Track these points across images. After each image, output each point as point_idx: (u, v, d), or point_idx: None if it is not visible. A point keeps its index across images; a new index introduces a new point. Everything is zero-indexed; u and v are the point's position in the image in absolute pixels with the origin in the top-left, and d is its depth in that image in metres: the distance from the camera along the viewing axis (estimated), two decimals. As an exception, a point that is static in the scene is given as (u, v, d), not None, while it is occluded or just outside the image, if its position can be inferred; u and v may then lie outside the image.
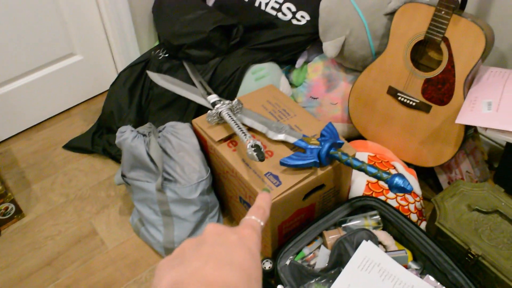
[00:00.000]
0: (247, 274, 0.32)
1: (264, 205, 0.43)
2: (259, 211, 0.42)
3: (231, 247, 0.34)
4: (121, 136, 1.16)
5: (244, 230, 0.38)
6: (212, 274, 0.31)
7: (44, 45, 1.54)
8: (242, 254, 0.34)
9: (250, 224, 0.39)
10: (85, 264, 1.24)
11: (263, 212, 0.42)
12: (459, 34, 1.09)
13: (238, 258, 0.33)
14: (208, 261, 0.32)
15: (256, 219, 0.40)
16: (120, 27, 1.61)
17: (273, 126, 1.11)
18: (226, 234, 0.36)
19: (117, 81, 1.52)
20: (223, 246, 0.34)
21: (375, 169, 0.96)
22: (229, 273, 0.31)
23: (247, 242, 0.36)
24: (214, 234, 0.36)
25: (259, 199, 0.44)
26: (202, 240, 0.35)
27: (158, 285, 0.32)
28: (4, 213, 1.31)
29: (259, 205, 0.43)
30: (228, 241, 0.35)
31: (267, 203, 0.44)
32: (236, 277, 0.31)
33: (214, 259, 0.32)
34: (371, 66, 1.28)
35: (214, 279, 0.30)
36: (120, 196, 1.41)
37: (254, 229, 0.39)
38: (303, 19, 1.44)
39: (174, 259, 0.34)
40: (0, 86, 1.52)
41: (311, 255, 1.07)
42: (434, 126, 1.22)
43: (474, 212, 1.08)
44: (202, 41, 1.36)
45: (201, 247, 0.34)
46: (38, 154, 1.57)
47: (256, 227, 0.39)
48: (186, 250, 0.34)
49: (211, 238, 0.35)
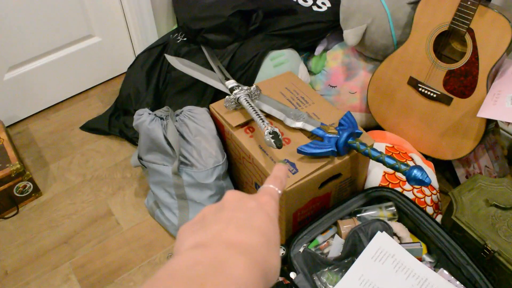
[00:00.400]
0: (266, 237, 0.33)
1: (281, 175, 0.44)
2: (276, 180, 0.42)
3: (251, 212, 0.35)
4: (139, 119, 1.17)
5: (263, 197, 0.38)
6: (234, 236, 0.31)
7: (63, 27, 1.54)
8: (261, 218, 0.34)
9: (268, 192, 0.40)
10: (100, 244, 1.26)
11: (280, 182, 0.43)
12: (485, 26, 1.07)
13: (258, 222, 0.34)
14: (229, 224, 0.32)
15: (274, 187, 0.41)
16: (138, 9, 1.60)
17: (291, 113, 1.11)
18: (245, 200, 0.37)
19: (135, 64, 1.53)
20: (242, 211, 0.35)
21: (393, 160, 0.95)
22: (250, 235, 0.32)
23: (265, 207, 0.37)
24: (234, 200, 0.37)
25: (276, 170, 0.45)
26: (222, 206, 0.36)
27: (180, 247, 0.32)
28: (22, 191, 1.34)
29: (276, 175, 0.43)
30: (247, 206, 0.36)
31: (284, 174, 0.44)
32: (256, 239, 0.32)
33: (235, 222, 0.33)
34: (392, 56, 1.26)
35: (236, 241, 0.31)
36: (136, 178, 1.43)
37: (272, 196, 0.39)
38: (324, 6, 1.42)
39: (195, 224, 0.35)
40: (19, 66, 1.53)
41: (325, 244, 1.07)
42: (454, 118, 1.20)
43: (491, 207, 1.07)
44: (221, 26, 1.35)
45: (221, 212, 0.35)
46: (55, 134, 1.59)
47: (274, 195, 0.40)
48: (206, 216, 0.35)
49: (230, 204, 0.36)
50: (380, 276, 0.96)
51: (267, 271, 0.31)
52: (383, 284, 0.95)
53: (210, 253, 0.29)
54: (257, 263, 0.30)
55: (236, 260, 0.29)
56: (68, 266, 1.21)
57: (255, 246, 0.31)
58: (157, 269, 1.19)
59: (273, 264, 0.32)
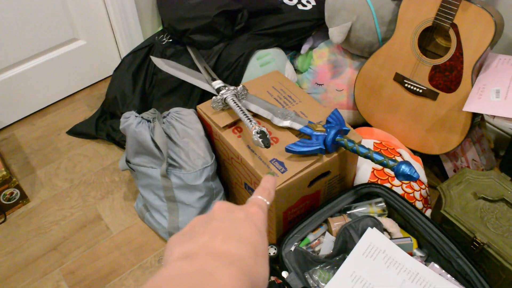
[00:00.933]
0: (254, 248, 0.33)
1: (270, 187, 0.44)
2: (264, 191, 0.43)
3: (239, 223, 0.35)
4: (126, 122, 1.16)
5: (251, 208, 0.39)
6: (221, 247, 0.31)
7: (47, 30, 1.52)
8: (249, 229, 0.35)
9: (257, 203, 0.40)
10: (90, 249, 1.24)
11: (268, 193, 0.43)
12: (468, 21, 1.08)
13: (245, 233, 0.34)
14: (217, 235, 0.33)
15: (262, 199, 0.41)
16: (123, 11, 1.59)
17: (279, 112, 1.10)
18: (233, 210, 0.37)
19: (121, 67, 1.51)
20: (230, 222, 0.35)
21: (381, 156, 0.96)
22: (237, 246, 0.32)
23: (253, 218, 0.37)
24: (223, 210, 0.37)
25: (264, 181, 0.45)
26: (211, 216, 0.36)
27: (169, 257, 0.33)
28: (9, 198, 1.32)
29: (264, 186, 0.44)
30: (236, 217, 0.36)
31: (272, 185, 0.44)
32: (244, 250, 0.32)
33: (222, 233, 0.33)
34: (377, 53, 1.27)
35: (223, 252, 0.31)
36: (125, 181, 1.42)
37: (260, 207, 0.40)
38: (309, 4, 1.42)
39: (185, 234, 0.35)
40: (4, 72, 1.51)
41: (316, 242, 1.08)
42: (440, 113, 1.21)
43: (480, 200, 1.08)
44: (207, 26, 1.35)
45: (210, 222, 0.35)
46: (42, 140, 1.57)
47: (262, 206, 0.40)
48: (195, 226, 0.35)
49: (219, 215, 0.36)
50: (371, 272, 0.96)
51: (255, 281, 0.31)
52: (375, 280, 0.95)
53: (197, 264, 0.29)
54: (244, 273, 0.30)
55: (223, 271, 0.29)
56: (58, 273, 1.20)
57: (242, 256, 0.31)
58: (148, 273, 1.18)
59: (261, 274, 0.32)
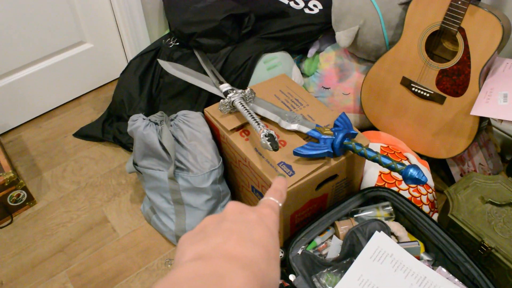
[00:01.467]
0: (267, 251, 0.33)
1: (281, 188, 0.44)
2: (276, 193, 0.43)
3: (251, 225, 0.35)
4: (133, 124, 1.16)
5: (264, 209, 0.39)
6: (234, 249, 0.31)
7: (55, 33, 1.53)
8: (261, 232, 0.35)
9: (269, 204, 0.40)
10: (96, 251, 1.25)
11: (280, 194, 0.43)
12: (475, 25, 1.08)
13: (258, 235, 0.34)
14: (230, 237, 0.33)
15: (274, 200, 0.41)
16: (130, 15, 1.60)
17: (286, 115, 1.11)
18: (246, 212, 0.37)
19: (128, 70, 1.52)
20: (243, 224, 0.35)
21: (389, 160, 0.96)
22: (250, 248, 0.32)
23: (266, 220, 0.37)
24: (235, 212, 0.37)
25: (275, 183, 0.45)
26: (223, 217, 0.36)
27: (181, 258, 0.32)
28: (16, 200, 1.32)
29: (276, 187, 0.44)
30: (248, 219, 0.36)
31: (283, 187, 0.44)
32: (257, 252, 0.32)
33: (236, 235, 0.33)
34: (384, 57, 1.27)
35: (236, 254, 0.31)
36: (131, 184, 1.42)
37: (273, 209, 0.40)
38: (316, 8, 1.43)
39: (196, 235, 0.34)
40: (11, 74, 1.52)
41: (323, 245, 1.07)
42: (448, 117, 1.21)
43: (487, 204, 1.07)
44: (214, 30, 1.35)
45: (222, 223, 0.35)
46: (48, 142, 1.58)
47: (274, 207, 0.40)
48: (207, 226, 0.35)
49: (231, 216, 0.36)
50: (379, 275, 0.96)
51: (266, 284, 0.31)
52: (382, 283, 0.95)
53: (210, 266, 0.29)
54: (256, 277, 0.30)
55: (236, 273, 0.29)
56: (64, 275, 1.20)
57: (255, 259, 0.31)
58: (155, 275, 1.18)
59: (273, 278, 0.32)
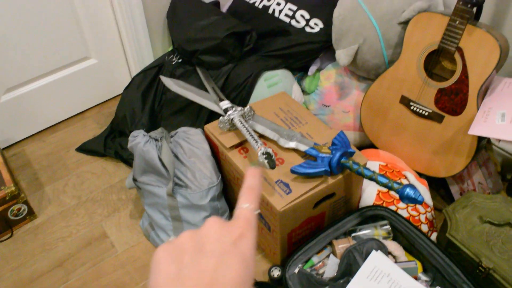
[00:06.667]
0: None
1: (256, 185, 0.41)
2: (251, 194, 0.40)
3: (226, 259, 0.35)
4: (134, 141, 1.18)
5: (239, 229, 0.37)
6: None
7: (60, 49, 1.56)
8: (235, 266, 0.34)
9: (246, 219, 0.38)
10: (95, 267, 1.25)
11: (256, 195, 0.40)
12: (473, 45, 1.09)
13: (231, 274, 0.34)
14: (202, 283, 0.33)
15: (250, 208, 0.39)
16: (134, 32, 1.63)
17: (285, 133, 1.11)
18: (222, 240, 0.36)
19: (131, 85, 1.54)
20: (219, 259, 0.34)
21: (386, 179, 0.96)
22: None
23: (241, 247, 0.36)
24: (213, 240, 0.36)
25: (249, 178, 0.42)
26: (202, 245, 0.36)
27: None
28: (16, 214, 1.33)
29: (251, 186, 0.41)
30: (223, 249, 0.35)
31: (258, 181, 0.42)
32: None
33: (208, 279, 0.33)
34: (384, 75, 1.28)
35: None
36: (131, 199, 1.43)
37: (249, 225, 0.38)
38: (317, 26, 1.44)
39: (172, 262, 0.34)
40: (17, 88, 1.54)
41: (320, 264, 1.07)
42: (446, 136, 1.21)
43: (486, 224, 1.07)
44: (216, 47, 1.37)
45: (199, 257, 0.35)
46: (51, 156, 1.59)
47: (251, 221, 0.38)
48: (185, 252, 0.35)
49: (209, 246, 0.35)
50: (375, 296, 0.95)
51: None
52: (379, 304, 0.94)
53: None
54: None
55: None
56: (62, 290, 1.20)
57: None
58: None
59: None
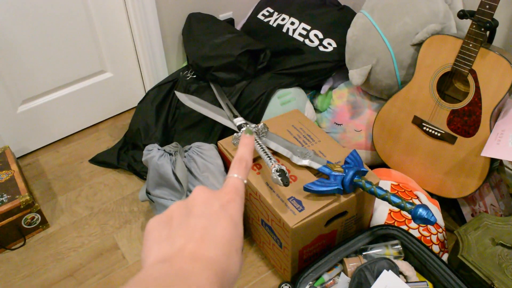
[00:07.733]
0: (228, 246, 0.35)
1: (247, 155, 0.42)
2: (241, 165, 0.41)
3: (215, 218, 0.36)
4: (148, 154, 1.19)
5: (227, 195, 0.38)
6: (198, 250, 0.34)
7: (77, 62, 1.59)
8: (224, 224, 0.36)
9: (234, 187, 0.39)
10: (105, 278, 1.26)
11: (245, 166, 0.41)
12: (486, 67, 1.10)
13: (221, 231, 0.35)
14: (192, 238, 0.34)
15: (239, 177, 0.40)
16: (150, 47, 1.66)
17: (298, 151, 1.13)
18: (210, 203, 0.37)
19: (145, 99, 1.57)
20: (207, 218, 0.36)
21: (398, 199, 0.96)
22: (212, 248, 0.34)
23: (229, 209, 0.37)
24: (201, 204, 0.37)
25: (241, 147, 0.42)
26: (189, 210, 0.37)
27: (146, 260, 0.34)
28: (30, 223, 1.35)
29: (242, 156, 0.42)
30: (212, 211, 0.37)
31: (250, 150, 0.42)
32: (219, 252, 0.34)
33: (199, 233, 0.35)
34: (396, 95, 1.29)
35: (199, 256, 0.33)
36: (143, 212, 1.44)
37: (237, 192, 0.39)
38: (330, 46, 1.46)
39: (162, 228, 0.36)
40: (33, 100, 1.58)
41: (330, 282, 1.07)
42: (459, 157, 1.21)
43: (498, 246, 1.07)
44: (230, 64, 1.40)
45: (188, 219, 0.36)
46: (65, 167, 1.61)
47: (239, 188, 0.39)
48: (174, 219, 0.36)
49: (197, 208, 0.37)
50: (386, 316, 0.95)
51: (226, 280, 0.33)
52: (390, 324, 0.94)
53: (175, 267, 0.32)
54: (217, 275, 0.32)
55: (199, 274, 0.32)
56: (72, 300, 1.21)
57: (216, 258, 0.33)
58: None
59: (232, 273, 0.34)
